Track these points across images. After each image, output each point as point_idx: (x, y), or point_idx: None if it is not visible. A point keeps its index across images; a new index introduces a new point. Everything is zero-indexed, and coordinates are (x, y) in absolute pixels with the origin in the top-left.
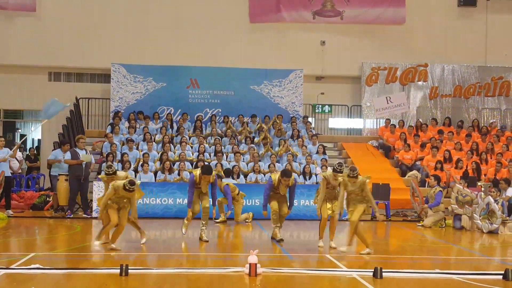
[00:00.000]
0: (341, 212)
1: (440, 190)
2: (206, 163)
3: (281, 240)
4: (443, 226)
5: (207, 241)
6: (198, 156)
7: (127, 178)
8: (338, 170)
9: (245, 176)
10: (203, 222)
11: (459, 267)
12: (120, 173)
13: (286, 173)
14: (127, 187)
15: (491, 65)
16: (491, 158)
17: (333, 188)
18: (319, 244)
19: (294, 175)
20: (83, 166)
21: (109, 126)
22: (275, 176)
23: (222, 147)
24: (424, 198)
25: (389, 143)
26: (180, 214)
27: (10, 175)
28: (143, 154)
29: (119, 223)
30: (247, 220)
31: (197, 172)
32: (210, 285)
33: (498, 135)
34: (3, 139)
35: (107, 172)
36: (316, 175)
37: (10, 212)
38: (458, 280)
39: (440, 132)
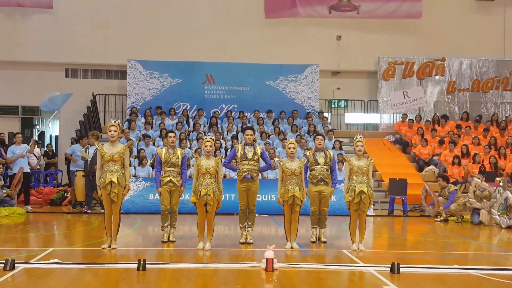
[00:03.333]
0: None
1: (454, 189)
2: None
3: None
4: (460, 221)
5: (251, 243)
6: (214, 152)
7: None
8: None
9: None
10: (249, 223)
11: (477, 262)
12: None
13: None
14: None
15: (509, 59)
16: (510, 153)
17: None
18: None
19: None
20: (88, 162)
21: (126, 122)
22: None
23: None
24: (437, 194)
25: (407, 138)
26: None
27: (29, 171)
28: None
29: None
30: None
31: None
32: (227, 280)
33: None
34: (20, 135)
35: None
36: None
37: (29, 207)
38: (477, 275)
39: (458, 126)
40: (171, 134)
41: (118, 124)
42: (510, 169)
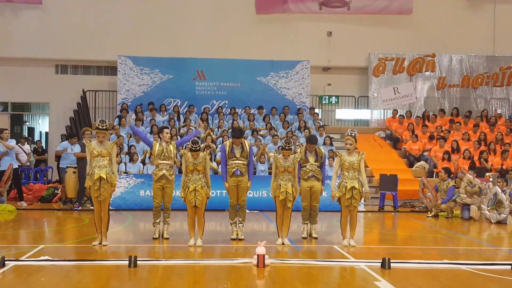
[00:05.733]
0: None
1: (453, 185)
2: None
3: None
4: (450, 216)
5: (242, 239)
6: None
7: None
8: (286, 147)
9: None
10: (240, 219)
11: (467, 257)
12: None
13: (311, 139)
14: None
15: (499, 55)
16: (500, 148)
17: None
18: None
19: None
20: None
21: (117, 119)
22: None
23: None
24: (434, 187)
25: (397, 134)
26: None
27: (18, 167)
28: None
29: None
30: None
31: None
32: (218, 276)
33: (508, 126)
34: (7, 131)
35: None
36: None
37: (24, 204)
38: (467, 270)
39: (451, 121)
40: (166, 130)
41: (106, 128)
42: (498, 164)
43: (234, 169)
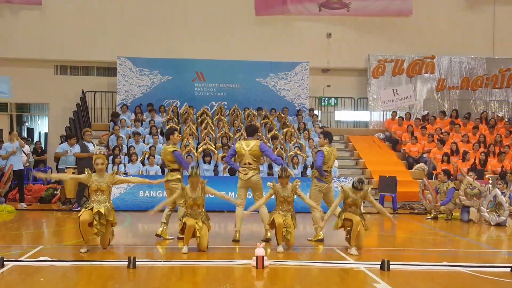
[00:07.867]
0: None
1: (453, 187)
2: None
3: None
4: (449, 218)
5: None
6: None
7: None
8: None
9: None
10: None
11: (466, 259)
12: None
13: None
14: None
15: (498, 57)
16: (499, 150)
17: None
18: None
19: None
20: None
21: (111, 122)
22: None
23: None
24: (434, 188)
25: (397, 136)
26: None
27: (22, 167)
28: (150, 147)
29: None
30: None
31: None
32: (217, 278)
33: (507, 128)
34: (16, 133)
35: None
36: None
37: (24, 205)
38: (466, 272)
39: (452, 123)
40: (176, 133)
41: (104, 154)
42: (495, 166)
43: (244, 172)
